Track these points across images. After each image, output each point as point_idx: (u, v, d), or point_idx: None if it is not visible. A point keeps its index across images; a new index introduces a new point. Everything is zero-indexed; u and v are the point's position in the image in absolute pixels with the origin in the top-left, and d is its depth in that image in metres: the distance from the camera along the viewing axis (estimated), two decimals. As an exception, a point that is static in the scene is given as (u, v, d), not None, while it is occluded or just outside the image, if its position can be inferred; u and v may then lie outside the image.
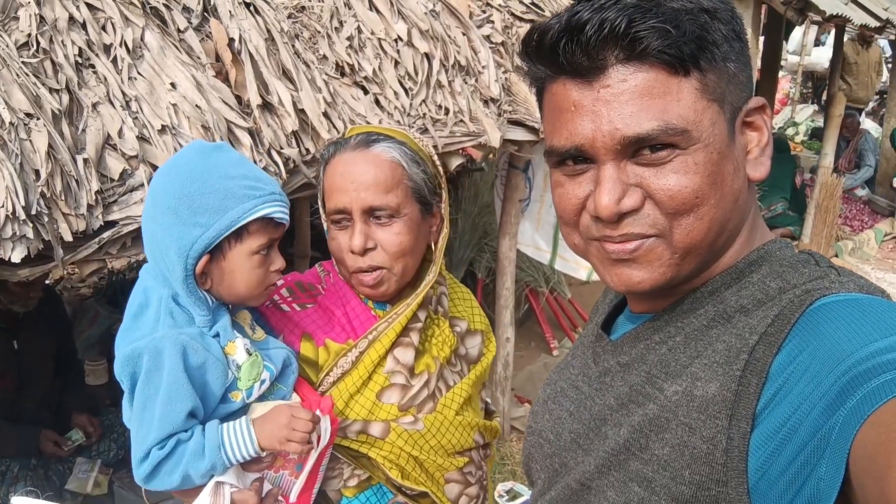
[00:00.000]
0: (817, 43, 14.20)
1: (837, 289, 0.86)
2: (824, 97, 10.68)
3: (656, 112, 0.87)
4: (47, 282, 3.81)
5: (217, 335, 1.44)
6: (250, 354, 1.46)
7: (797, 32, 12.62)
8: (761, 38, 7.54)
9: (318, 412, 1.46)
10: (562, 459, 1.09)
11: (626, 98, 0.88)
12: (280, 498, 1.51)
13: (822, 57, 13.64)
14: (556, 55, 0.90)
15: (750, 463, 0.80)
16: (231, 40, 2.69)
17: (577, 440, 1.06)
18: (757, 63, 5.71)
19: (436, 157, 1.67)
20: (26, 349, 3.51)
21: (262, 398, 1.52)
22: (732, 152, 0.92)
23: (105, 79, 2.37)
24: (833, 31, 9.80)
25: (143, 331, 1.42)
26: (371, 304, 1.65)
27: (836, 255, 7.59)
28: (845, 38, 8.76)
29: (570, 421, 1.10)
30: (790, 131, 12.37)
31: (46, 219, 2.05)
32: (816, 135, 11.69)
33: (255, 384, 1.46)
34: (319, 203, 1.65)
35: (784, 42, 10.75)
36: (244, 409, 1.50)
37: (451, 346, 1.68)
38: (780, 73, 10.94)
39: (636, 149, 0.90)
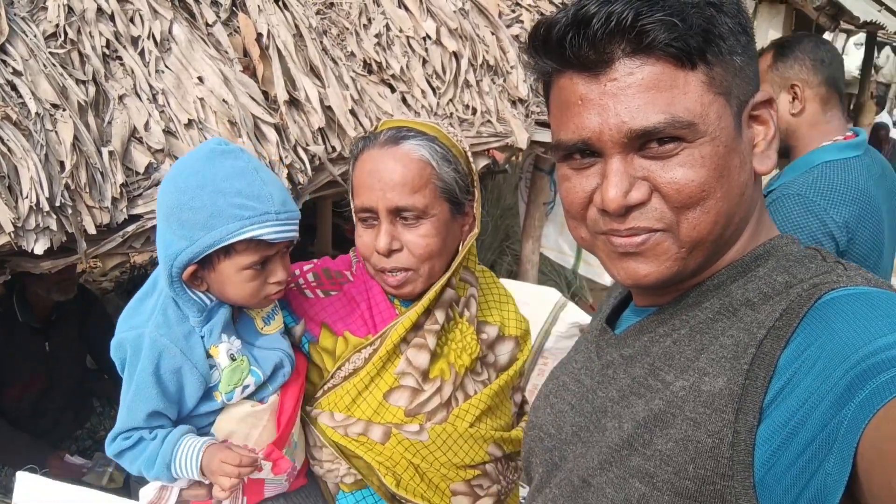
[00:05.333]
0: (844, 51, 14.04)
1: (845, 283, 0.85)
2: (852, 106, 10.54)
3: (663, 105, 0.87)
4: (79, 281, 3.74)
5: (203, 336, 1.43)
6: (234, 360, 1.44)
7: (825, 40, 12.47)
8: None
9: (260, 456, 1.45)
10: (562, 453, 1.08)
11: (633, 91, 0.88)
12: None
13: (850, 65, 13.49)
14: (562, 49, 0.90)
15: (756, 457, 0.79)
16: (259, 35, 2.66)
17: (579, 433, 1.05)
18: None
19: (469, 154, 1.62)
20: (57, 351, 3.48)
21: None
22: (739, 146, 0.92)
23: (132, 71, 2.35)
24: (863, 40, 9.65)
25: (139, 318, 1.43)
26: (397, 302, 1.61)
27: (863, 267, 7.46)
28: None
29: (572, 414, 1.09)
30: (816, 140, 12.21)
31: (70, 211, 2.03)
32: (843, 144, 11.53)
33: (236, 389, 1.45)
34: (350, 199, 1.61)
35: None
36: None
37: (472, 355, 1.61)
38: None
39: (643, 142, 0.89)
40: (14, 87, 2.09)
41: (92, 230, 2.07)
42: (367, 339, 1.56)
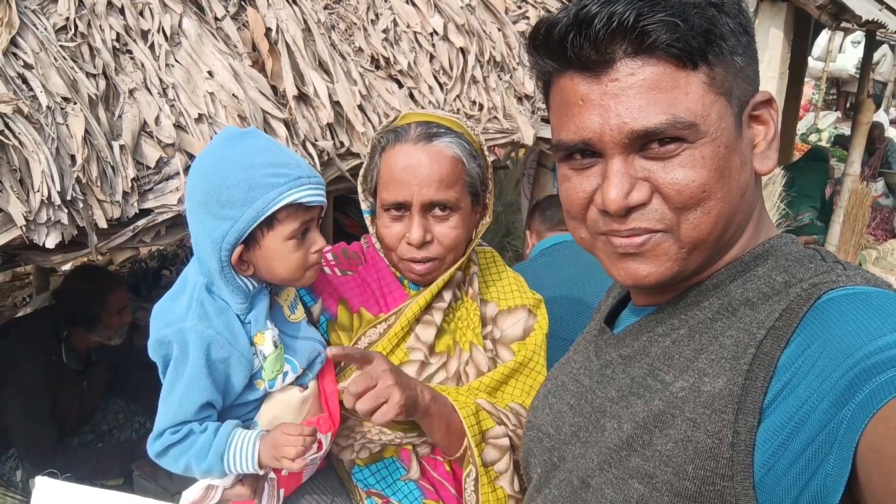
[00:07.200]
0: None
1: (845, 282, 0.86)
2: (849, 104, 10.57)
3: (664, 106, 0.87)
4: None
5: (249, 323, 1.46)
6: (276, 347, 1.47)
7: (822, 38, 12.49)
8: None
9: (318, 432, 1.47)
10: (560, 453, 1.08)
11: (634, 92, 0.88)
12: (272, 475, 1.53)
13: (847, 63, 13.52)
14: (563, 49, 0.91)
15: (756, 457, 0.79)
16: (268, 30, 2.66)
17: (578, 433, 1.06)
18: (786, 68, 5.64)
19: (485, 147, 1.67)
20: (92, 389, 3.61)
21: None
22: (739, 146, 0.92)
23: (142, 65, 2.34)
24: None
25: (175, 315, 1.43)
26: (406, 283, 1.67)
27: (860, 265, 7.46)
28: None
29: (571, 414, 1.10)
30: (812, 138, 12.25)
31: (81, 205, 2.02)
32: (839, 142, 11.57)
33: (278, 376, 1.48)
34: (361, 185, 1.65)
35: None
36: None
37: (476, 329, 1.67)
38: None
39: (644, 142, 0.90)
40: (25, 80, 2.08)
41: (103, 224, 2.06)
42: (379, 318, 1.62)
